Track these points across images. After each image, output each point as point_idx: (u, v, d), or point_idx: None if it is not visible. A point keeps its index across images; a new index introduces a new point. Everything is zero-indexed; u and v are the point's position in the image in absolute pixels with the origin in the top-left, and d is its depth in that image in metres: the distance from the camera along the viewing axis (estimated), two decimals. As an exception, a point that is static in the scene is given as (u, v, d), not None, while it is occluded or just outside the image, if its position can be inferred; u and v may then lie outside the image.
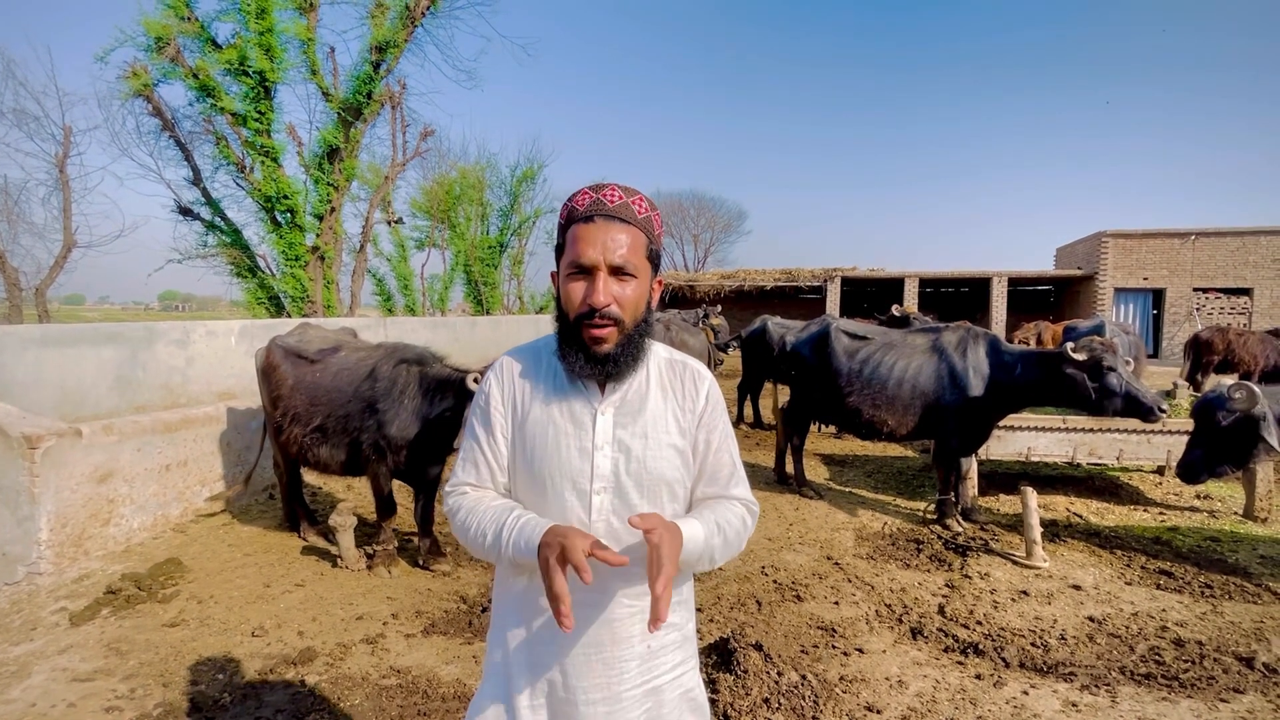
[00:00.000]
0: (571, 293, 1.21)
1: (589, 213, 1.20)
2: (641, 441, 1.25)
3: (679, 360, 1.35)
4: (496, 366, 1.34)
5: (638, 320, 1.24)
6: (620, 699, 1.23)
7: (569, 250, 1.21)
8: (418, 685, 2.93)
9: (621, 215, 1.20)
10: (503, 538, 1.18)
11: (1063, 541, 4.71)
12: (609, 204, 1.21)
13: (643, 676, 1.25)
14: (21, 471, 3.87)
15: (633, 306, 1.22)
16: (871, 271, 22.56)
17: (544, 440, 1.25)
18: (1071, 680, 2.97)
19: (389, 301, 19.86)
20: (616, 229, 1.19)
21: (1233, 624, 3.52)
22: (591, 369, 1.22)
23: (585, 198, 1.22)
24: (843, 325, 5.74)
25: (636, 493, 1.24)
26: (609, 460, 1.23)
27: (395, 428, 4.06)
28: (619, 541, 1.23)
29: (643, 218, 1.23)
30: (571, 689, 1.22)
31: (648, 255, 1.25)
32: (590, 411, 1.25)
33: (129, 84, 10.97)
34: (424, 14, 12.37)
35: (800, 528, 5.09)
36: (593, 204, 1.21)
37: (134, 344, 5.96)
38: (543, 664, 1.24)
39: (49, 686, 2.89)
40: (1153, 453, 5.67)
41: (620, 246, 1.19)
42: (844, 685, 2.93)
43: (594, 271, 1.19)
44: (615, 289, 1.19)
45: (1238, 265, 19.41)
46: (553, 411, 1.26)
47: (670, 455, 1.27)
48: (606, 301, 1.18)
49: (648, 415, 1.26)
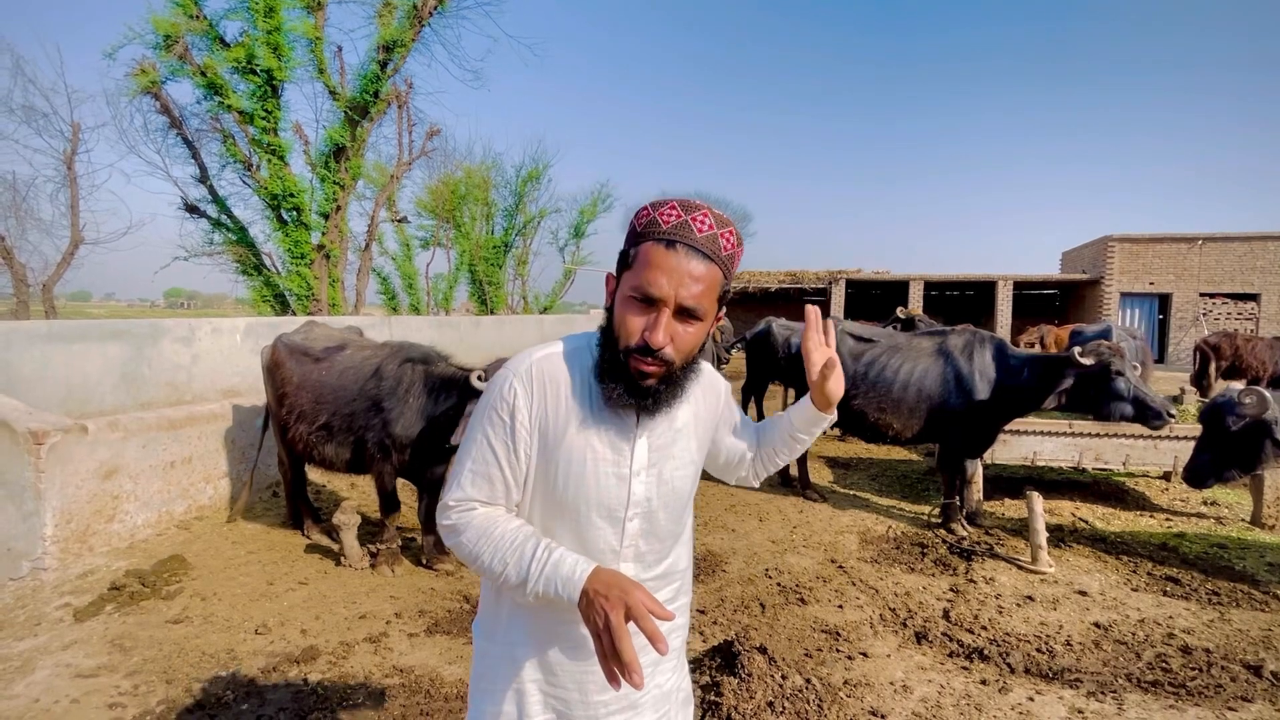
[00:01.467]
0: (629, 322, 1.08)
1: (672, 237, 1.06)
2: (672, 464, 1.22)
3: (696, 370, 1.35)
4: (524, 375, 1.16)
5: (688, 360, 1.14)
6: (637, 707, 1.23)
7: (637, 271, 1.08)
8: (420, 685, 2.93)
9: (707, 249, 1.07)
10: (531, 573, 1.07)
11: (1068, 547, 4.68)
12: (697, 233, 1.06)
13: (653, 680, 1.25)
14: (27, 467, 3.88)
15: (689, 350, 1.11)
16: (876, 274, 22.52)
17: (580, 467, 1.15)
18: (1077, 687, 2.95)
19: (394, 300, 19.92)
20: (697, 264, 1.06)
21: (1240, 631, 3.49)
22: (631, 400, 1.12)
23: (672, 215, 1.07)
24: (848, 328, 5.72)
25: (664, 514, 1.22)
26: (644, 485, 1.18)
27: (400, 426, 4.06)
28: (644, 562, 1.23)
29: (727, 255, 1.10)
30: (592, 704, 1.20)
31: (719, 296, 1.13)
32: (628, 438, 1.17)
33: (137, 81, 11.03)
34: (431, 13, 12.40)
35: (804, 530, 5.08)
36: (679, 227, 1.06)
37: (139, 341, 5.97)
38: (560, 683, 1.21)
39: (52, 682, 2.89)
40: (1159, 458, 5.64)
41: (697, 285, 1.06)
42: (848, 689, 2.91)
43: (660, 305, 1.06)
44: (677, 329, 1.08)
45: (1245, 270, 19.33)
46: (590, 437, 1.15)
47: (691, 472, 1.27)
48: (664, 343, 1.06)
49: (677, 437, 1.23)
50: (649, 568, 1.23)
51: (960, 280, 22.44)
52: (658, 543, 1.23)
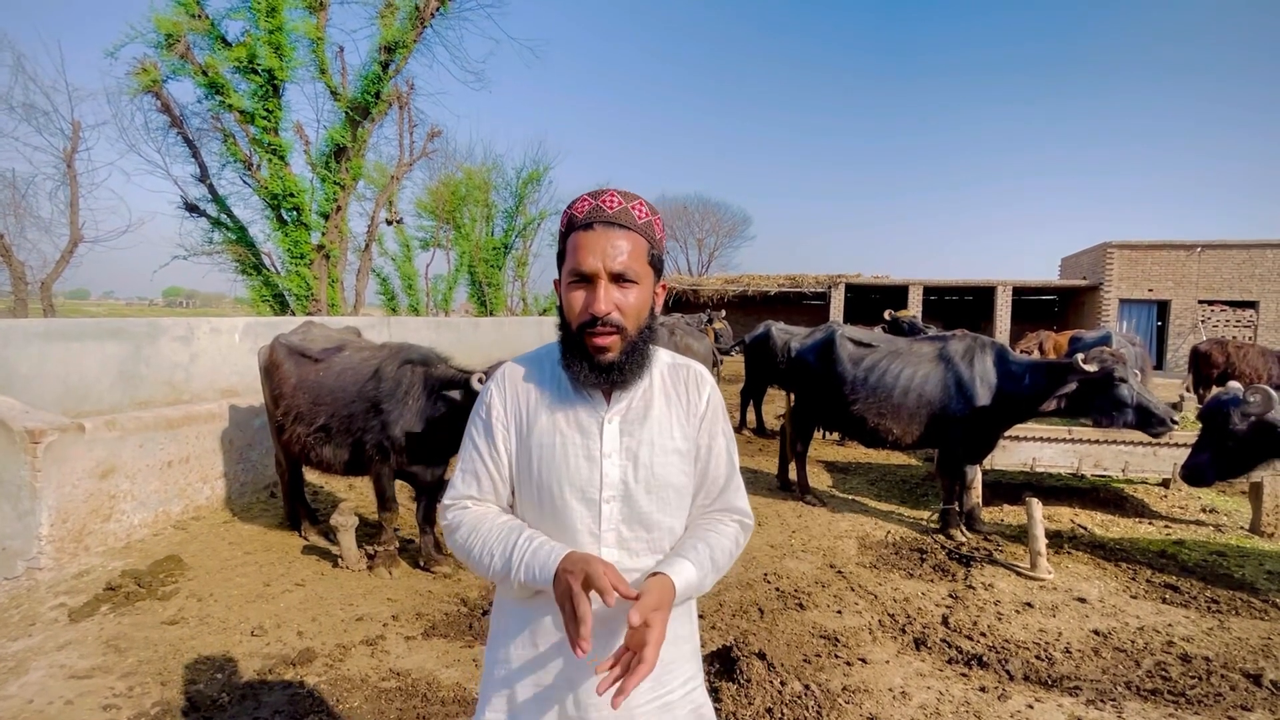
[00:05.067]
0: (573, 301, 1.19)
1: (588, 220, 1.19)
2: (649, 449, 1.24)
3: (681, 364, 1.34)
4: (497, 376, 1.31)
5: (641, 327, 1.22)
6: (632, 715, 1.21)
7: (569, 258, 1.20)
8: (417, 688, 2.91)
9: (621, 221, 1.19)
10: (513, 561, 1.16)
11: (1067, 553, 4.67)
12: (608, 210, 1.19)
13: (654, 693, 1.23)
14: (23, 466, 3.86)
15: (635, 313, 1.20)
16: (876, 279, 22.55)
17: (550, 450, 1.23)
18: (1076, 694, 2.94)
19: (393, 301, 19.91)
20: (616, 235, 1.18)
21: (1240, 640, 3.48)
22: (596, 378, 1.20)
23: (584, 204, 1.20)
24: (848, 332, 5.71)
25: (645, 500, 1.23)
26: (617, 468, 1.22)
27: (399, 428, 4.05)
28: (629, 550, 1.22)
29: (643, 222, 1.21)
30: (583, 704, 1.20)
31: (649, 261, 1.23)
32: (597, 420, 1.23)
33: (138, 80, 11.03)
34: (433, 15, 12.42)
35: (803, 535, 5.06)
36: (592, 211, 1.19)
37: (138, 339, 5.96)
38: (553, 684, 1.22)
39: (46, 683, 2.87)
40: (1159, 465, 5.63)
41: (620, 253, 1.17)
42: (847, 695, 2.90)
43: (595, 279, 1.17)
44: (617, 296, 1.18)
45: (1244, 278, 19.35)
46: (559, 420, 1.24)
47: (676, 461, 1.26)
48: (608, 309, 1.16)
49: (653, 422, 1.25)
50: (635, 556, 1.22)
51: (960, 285, 22.48)
52: (643, 530, 1.23)
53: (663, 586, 1.10)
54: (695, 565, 1.18)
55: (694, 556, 1.19)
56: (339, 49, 12.81)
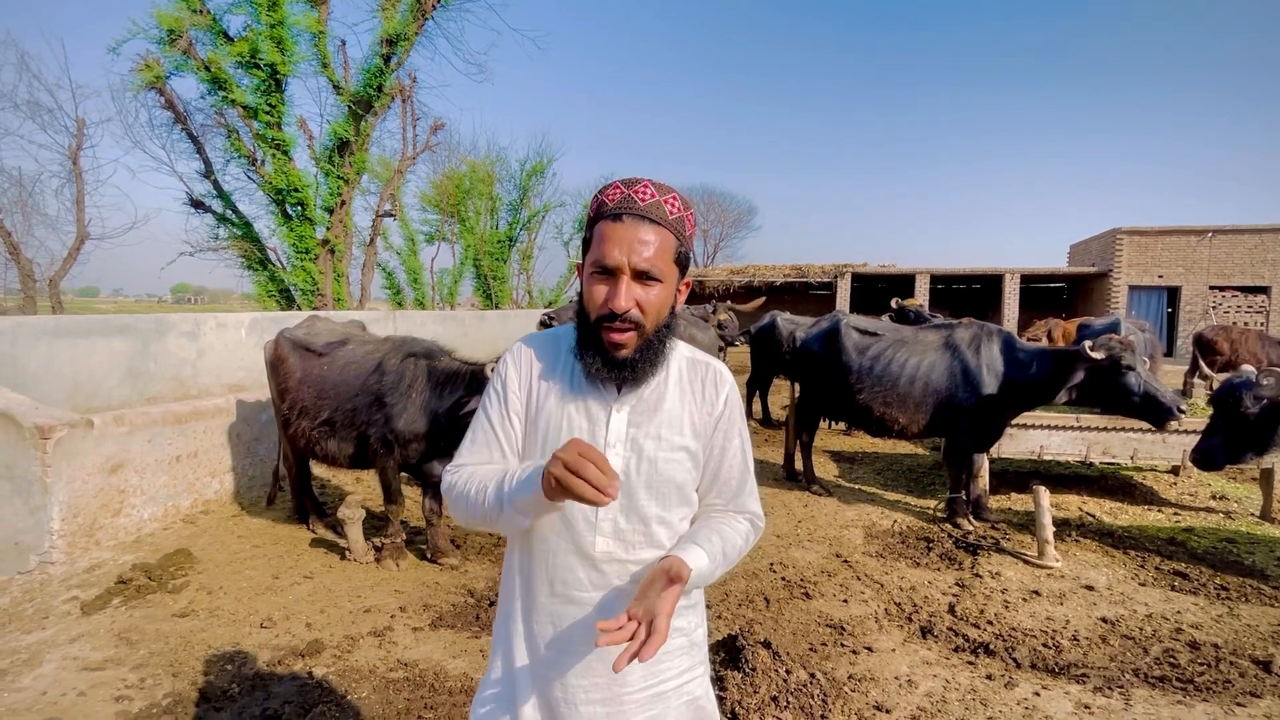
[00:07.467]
0: (594, 293, 1.17)
1: (618, 209, 1.15)
2: (654, 442, 1.22)
3: (701, 360, 1.30)
4: (515, 350, 1.30)
5: (659, 325, 1.19)
6: (621, 701, 1.21)
7: (594, 248, 1.17)
8: (425, 679, 2.93)
9: (652, 215, 1.15)
10: (505, 485, 1.12)
11: (1075, 541, 4.65)
12: (640, 202, 1.15)
13: (646, 681, 1.23)
14: (34, 461, 3.90)
15: (655, 311, 1.17)
16: (882, 267, 22.42)
17: (556, 433, 1.22)
18: (1084, 682, 2.93)
19: (398, 295, 19.93)
20: (645, 230, 1.14)
21: (1249, 627, 3.46)
22: (609, 372, 1.18)
23: (616, 192, 1.16)
24: (854, 321, 5.68)
25: (646, 494, 1.21)
26: (620, 459, 1.20)
27: (403, 421, 4.06)
28: (624, 542, 1.21)
29: (674, 218, 1.17)
30: (570, 688, 1.20)
31: (675, 258, 1.19)
32: (605, 409, 1.22)
33: (141, 76, 11.05)
34: (435, 7, 12.36)
35: (809, 525, 5.06)
36: (623, 200, 1.15)
37: (145, 336, 5.99)
38: (544, 661, 1.22)
39: (59, 675, 2.91)
40: (1167, 452, 5.59)
41: (647, 249, 1.13)
42: (853, 684, 2.90)
43: (618, 274, 1.14)
44: (638, 293, 1.15)
45: (1255, 263, 19.13)
46: (568, 407, 1.23)
47: (681, 457, 1.24)
48: (628, 306, 1.14)
49: (663, 415, 1.23)
50: (631, 549, 1.21)
51: (967, 274, 22.32)
52: (640, 524, 1.22)
53: (681, 562, 1.10)
54: (708, 554, 1.16)
55: (708, 546, 1.18)
56: (341, 42, 12.80)
